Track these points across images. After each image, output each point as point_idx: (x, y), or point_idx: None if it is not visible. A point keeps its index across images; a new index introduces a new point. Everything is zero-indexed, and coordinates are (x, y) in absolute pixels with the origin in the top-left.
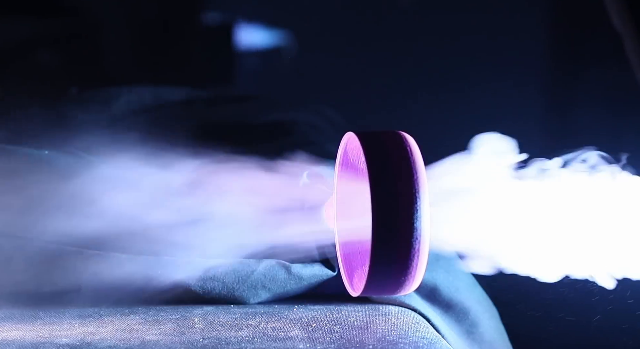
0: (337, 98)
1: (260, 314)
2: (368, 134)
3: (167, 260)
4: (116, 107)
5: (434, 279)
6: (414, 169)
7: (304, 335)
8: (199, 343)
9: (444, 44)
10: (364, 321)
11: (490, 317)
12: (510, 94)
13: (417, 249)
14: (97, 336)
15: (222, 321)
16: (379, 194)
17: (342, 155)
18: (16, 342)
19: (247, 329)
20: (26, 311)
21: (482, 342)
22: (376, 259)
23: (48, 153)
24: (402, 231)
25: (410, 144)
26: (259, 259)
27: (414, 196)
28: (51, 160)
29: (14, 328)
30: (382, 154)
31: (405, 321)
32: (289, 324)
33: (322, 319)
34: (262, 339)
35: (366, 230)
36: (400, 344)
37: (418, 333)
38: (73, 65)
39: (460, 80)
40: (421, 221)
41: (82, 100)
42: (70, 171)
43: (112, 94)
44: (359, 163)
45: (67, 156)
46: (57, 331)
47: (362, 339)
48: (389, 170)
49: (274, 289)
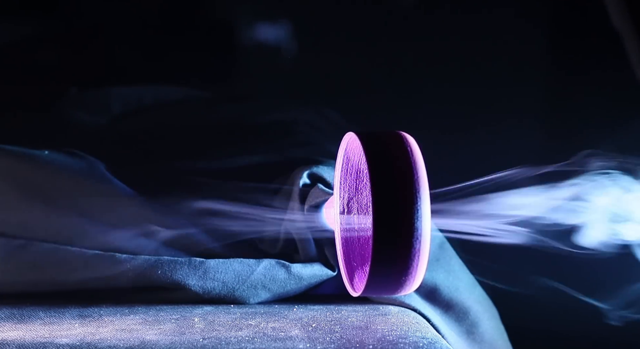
0: (337, 98)
1: (260, 314)
2: (368, 134)
3: (167, 260)
4: (116, 107)
5: (434, 279)
6: (415, 169)
7: (304, 335)
8: (199, 343)
9: (444, 44)
10: (364, 321)
11: (490, 317)
12: (510, 94)
13: (418, 249)
14: (97, 336)
15: (222, 321)
16: (380, 194)
17: (342, 155)
18: (16, 342)
19: (247, 329)
20: (26, 311)
21: (482, 342)
22: (377, 259)
23: (48, 153)
24: (403, 231)
25: (410, 144)
26: (259, 259)
27: (414, 196)
28: (51, 160)
29: (14, 328)
30: (383, 154)
31: (405, 321)
32: (289, 324)
33: (322, 319)
34: (262, 339)
35: (366, 230)
36: (400, 344)
37: (418, 333)
38: (73, 65)
39: (460, 81)
40: (422, 221)
41: (82, 100)
42: (70, 171)
43: (112, 94)
44: (360, 163)
45: (67, 156)
46: (57, 331)
47: (362, 339)
48: (389, 170)
49: (274, 289)
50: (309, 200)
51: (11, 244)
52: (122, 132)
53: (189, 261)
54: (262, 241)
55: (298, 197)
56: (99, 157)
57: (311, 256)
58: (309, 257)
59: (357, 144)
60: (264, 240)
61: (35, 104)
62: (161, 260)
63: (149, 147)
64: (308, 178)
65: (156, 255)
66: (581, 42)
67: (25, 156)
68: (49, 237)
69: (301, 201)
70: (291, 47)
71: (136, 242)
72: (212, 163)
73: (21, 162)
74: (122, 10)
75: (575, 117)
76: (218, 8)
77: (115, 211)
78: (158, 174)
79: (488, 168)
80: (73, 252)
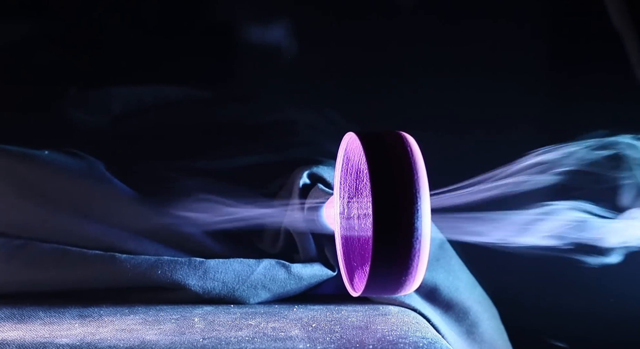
0: (337, 98)
1: (260, 314)
2: (369, 134)
3: (167, 260)
4: (116, 107)
5: (434, 279)
6: (415, 169)
7: (304, 335)
8: (199, 343)
9: (444, 44)
10: (364, 321)
11: (490, 317)
12: (510, 94)
13: (418, 249)
14: (97, 336)
15: (222, 321)
16: (380, 194)
17: (342, 155)
18: (16, 342)
19: (247, 329)
20: (26, 311)
21: (482, 342)
22: (377, 259)
23: (48, 153)
24: (403, 231)
25: (410, 144)
26: (259, 259)
27: (414, 196)
28: (51, 160)
29: (14, 328)
30: (383, 154)
31: (405, 321)
32: (289, 324)
33: (322, 319)
34: (262, 339)
35: (366, 230)
36: (400, 344)
37: (418, 333)
38: (73, 65)
39: (460, 81)
40: (422, 221)
41: (82, 100)
42: (70, 171)
43: (112, 94)
44: (360, 163)
45: (67, 156)
46: (57, 331)
47: (362, 339)
48: (389, 170)
49: (274, 289)
50: (309, 200)
51: (11, 244)
52: (122, 132)
53: (189, 261)
54: (262, 241)
55: (298, 197)
56: (99, 157)
57: (311, 256)
58: (309, 257)
59: (357, 144)
60: (264, 240)
61: (35, 104)
62: (161, 260)
63: (149, 147)
64: (308, 178)
65: (156, 255)
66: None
67: (25, 156)
68: (49, 237)
69: (301, 201)
70: (291, 47)
71: (136, 242)
72: (212, 163)
73: (21, 162)
74: (122, 10)
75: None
76: (218, 8)
77: (115, 211)
78: (158, 174)
79: (488, 169)
80: (73, 252)
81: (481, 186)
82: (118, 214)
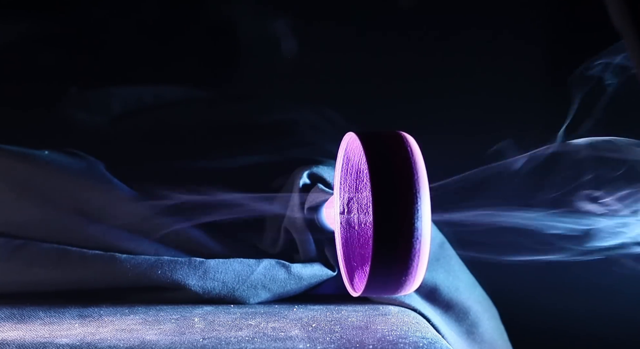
0: (337, 98)
1: (260, 314)
2: (369, 134)
3: (167, 260)
4: (116, 107)
5: (434, 279)
6: (415, 169)
7: (304, 335)
8: (199, 343)
9: (444, 44)
10: (364, 321)
11: (490, 317)
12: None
13: (418, 249)
14: (97, 336)
15: (222, 321)
16: (380, 194)
17: (342, 155)
18: (16, 342)
19: (247, 329)
20: (26, 311)
21: (482, 342)
22: (377, 260)
23: (48, 153)
24: (403, 231)
25: (410, 144)
26: (259, 259)
27: (414, 196)
28: (51, 160)
29: (14, 328)
30: (383, 154)
31: (405, 321)
32: (289, 324)
33: (322, 319)
34: (262, 339)
35: (367, 230)
36: (400, 344)
37: (418, 333)
38: (73, 65)
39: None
40: (422, 221)
41: (82, 100)
42: (70, 171)
43: (112, 94)
44: (360, 163)
45: (67, 156)
46: (57, 331)
47: (362, 339)
48: (389, 170)
49: (274, 289)
50: (309, 200)
51: (11, 244)
52: (122, 132)
53: (189, 261)
54: (262, 241)
55: (298, 197)
56: (99, 157)
57: (311, 256)
58: (309, 257)
59: (357, 144)
60: (264, 240)
61: (35, 104)
62: (161, 260)
63: (149, 147)
64: (308, 178)
65: (156, 255)
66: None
67: (25, 155)
68: (49, 237)
69: (301, 201)
70: (292, 48)
71: (136, 242)
72: (212, 163)
73: (21, 162)
74: (123, 9)
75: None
76: (219, 8)
77: (115, 211)
78: (158, 174)
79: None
80: (73, 252)
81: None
82: (118, 214)
